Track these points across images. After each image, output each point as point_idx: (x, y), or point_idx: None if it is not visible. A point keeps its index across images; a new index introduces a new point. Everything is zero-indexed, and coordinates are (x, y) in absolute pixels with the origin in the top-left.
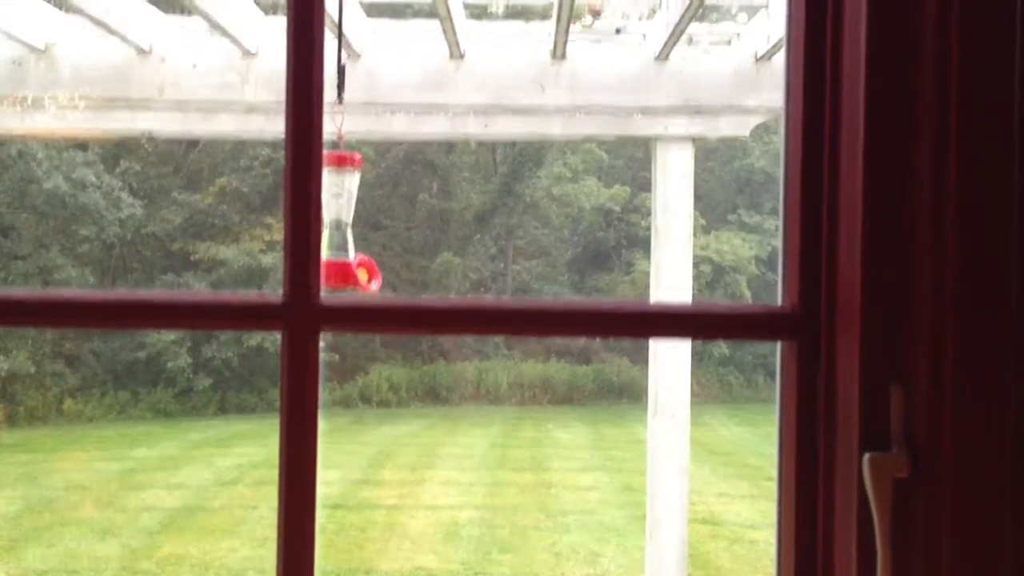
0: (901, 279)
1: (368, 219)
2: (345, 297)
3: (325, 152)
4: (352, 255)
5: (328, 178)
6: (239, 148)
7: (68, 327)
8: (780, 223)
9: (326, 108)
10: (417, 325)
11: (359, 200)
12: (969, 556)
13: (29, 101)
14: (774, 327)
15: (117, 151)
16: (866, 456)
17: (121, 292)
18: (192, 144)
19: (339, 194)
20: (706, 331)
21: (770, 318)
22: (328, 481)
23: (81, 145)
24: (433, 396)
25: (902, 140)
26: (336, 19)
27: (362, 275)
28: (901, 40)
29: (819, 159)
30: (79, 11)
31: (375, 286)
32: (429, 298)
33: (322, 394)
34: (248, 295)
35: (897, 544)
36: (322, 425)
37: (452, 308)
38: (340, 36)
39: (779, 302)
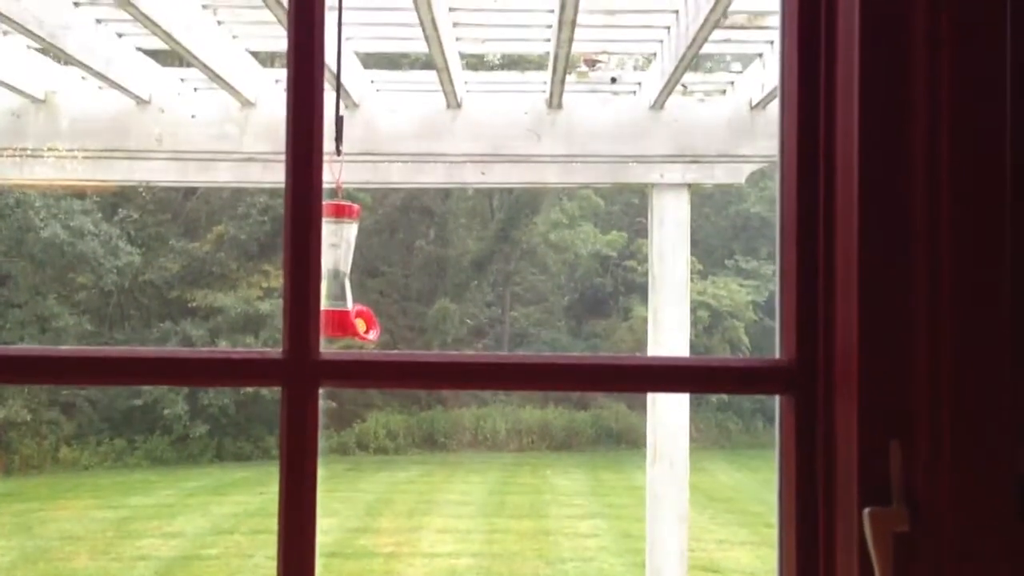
0: (899, 333)
1: (365, 266)
2: (345, 352)
3: (324, 202)
4: (350, 305)
5: (326, 228)
6: (237, 196)
7: (66, 384)
8: (776, 275)
9: (324, 158)
10: (417, 380)
11: (356, 247)
12: None
13: (29, 151)
14: (772, 381)
15: (115, 199)
16: (866, 511)
17: (120, 349)
18: (190, 192)
19: (337, 244)
20: (704, 385)
21: (768, 372)
22: (325, 529)
23: (79, 193)
24: (431, 443)
25: (896, 190)
26: (334, 70)
27: (360, 325)
28: (894, 88)
29: (814, 210)
30: (79, 63)
31: (373, 335)
32: (428, 353)
33: (319, 442)
34: (248, 352)
35: None
36: (319, 473)
37: (451, 363)
38: (338, 87)
39: (777, 353)
